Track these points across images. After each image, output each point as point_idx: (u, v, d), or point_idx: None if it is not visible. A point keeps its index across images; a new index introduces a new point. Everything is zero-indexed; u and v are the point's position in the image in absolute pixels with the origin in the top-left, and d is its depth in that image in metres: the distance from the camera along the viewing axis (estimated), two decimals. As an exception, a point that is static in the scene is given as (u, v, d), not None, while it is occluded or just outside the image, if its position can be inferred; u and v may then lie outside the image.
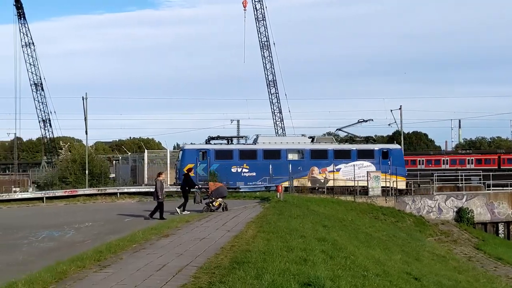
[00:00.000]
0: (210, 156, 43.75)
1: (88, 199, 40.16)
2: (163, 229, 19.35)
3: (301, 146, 45.86)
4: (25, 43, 65.64)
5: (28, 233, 25.14)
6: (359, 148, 46.81)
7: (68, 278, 11.10)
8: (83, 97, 47.13)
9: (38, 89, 66.54)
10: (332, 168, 45.05)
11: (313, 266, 12.28)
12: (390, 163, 45.36)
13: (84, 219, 28.82)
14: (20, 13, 65.26)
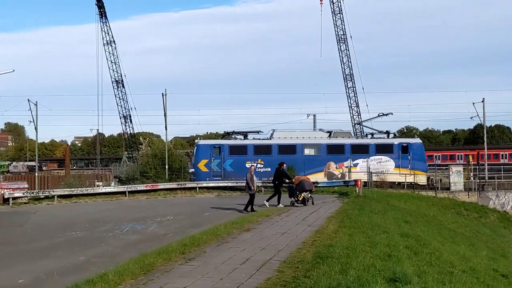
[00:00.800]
0: (224, 151, 43.81)
1: (168, 193, 40.95)
2: (244, 223, 19.48)
3: (318, 141, 45.36)
4: (107, 42, 67.46)
5: (113, 226, 25.91)
6: (377, 142, 45.83)
7: (155, 270, 11.32)
8: (162, 94, 48.01)
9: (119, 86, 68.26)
10: (350, 163, 44.61)
11: (398, 262, 12.07)
12: (410, 157, 44.42)
13: (165, 213, 29.40)
14: (101, 12, 67.07)
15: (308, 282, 9.74)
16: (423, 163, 45.63)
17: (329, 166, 44.63)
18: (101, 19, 67.37)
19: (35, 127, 52.57)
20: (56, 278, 16.39)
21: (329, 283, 9.58)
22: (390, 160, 44.58)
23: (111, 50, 67.58)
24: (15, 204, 35.87)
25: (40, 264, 19.27)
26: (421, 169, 44.91)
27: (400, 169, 44.28)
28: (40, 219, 29.44)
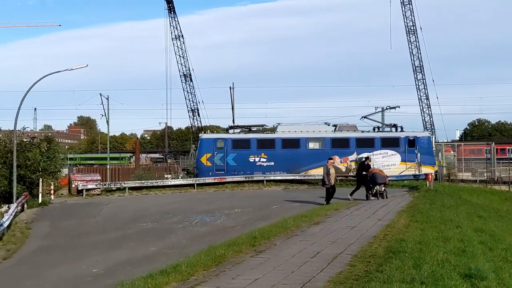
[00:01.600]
0: (227, 145, 43.43)
1: (235, 186, 41.21)
2: (313, 216, 19.40)
3: (322, 134, 44.56)
4: (175, 36, 68.37)
5: (182, 218, 26.29)
6: (383, 136, 44.86)
7: (226, 262, 11.40)
8: (230, 87, 48.48)
9: (187, 80, 69.11)
10: (355, 157, 43.69)
11: (472, 258, 11.75)
12: (417, 151, 43.53)
13: (233, 205, 29.60)
14: (170, 7, 68.02)
15: (381, 276, 9.60)
16: (431, 157, 44.59)
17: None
18: (170, 14, 68.34)
19: (107, 120, 53.86)
20: (128, 268, 16.77)
21: (403, 278, 9.42)
22: (396, 154, 43.70)
23: (179, 44, 68.51)
24: (88, 196, 36.92)
25: (113, 254, 19.77)
26: (429, 163, 43.85)
27: (407, 163, 43.43)
28: (112, 211, 30.18)
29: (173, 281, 9.56)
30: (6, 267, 18.89)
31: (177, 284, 9.43)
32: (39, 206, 31.32)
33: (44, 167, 34.44)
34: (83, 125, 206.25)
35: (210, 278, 9.85)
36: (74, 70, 30.99)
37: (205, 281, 9.65)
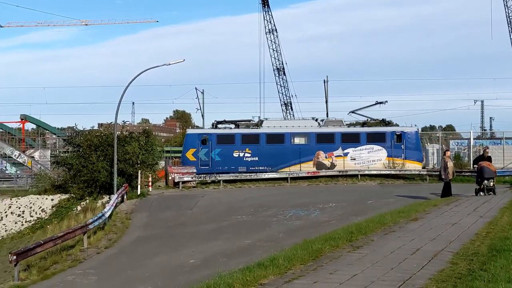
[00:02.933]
0: (211, 140, 42.97)
1: (329, 180, 40.94)
2: (411, 212, 18.91)
3: (307, 129, 43.77)
4: (269, 30, 68.58)
5: (276, 211, 26.37)
6: (369, 131, 43.89)
7: (323, 256, 11.27)
8: (324, 80, 48.10)
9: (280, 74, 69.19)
10: (340, 152, 43.00)
11: None
12: (403, 147, 42.68)
13: (327, 199, 29.40)
14: (264, 1, 68.27)
15: (485, 275, 9.19)
16: (419, 152, 43.76)
17: (318, 155, 43.25)
18: (264, 8, 68.59)
19: (202, 114, 54.95)
20: (224, 260, 16.96)
21: (509, 277, 8.97)
22: (382, 149, 42.88)
23: (273, 38, 68.67)
24: (184, 188, 37.70)
25: (209, 245, 20.09)
26: (416, 159, 43.12)
27: (393, 158, 42.68)
28: (207, 203, 30.68)
29: (271, 274, 9.52)
30: (108, 256, 19.58)
31: (275, 278, 9.39)
32: (138, 197, 32.29)
33: (143, 160, 35.45)
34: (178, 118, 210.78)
35: (308, 273, 9.76)
36: (171, 65, 31.63)
37: (303, 275, 9.57)
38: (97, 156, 33.26)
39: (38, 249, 18.50)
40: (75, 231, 20.75)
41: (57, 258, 19.22)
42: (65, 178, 34.40)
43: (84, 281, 16.33)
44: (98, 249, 20.58)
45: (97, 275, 16.90)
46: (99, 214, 23.63)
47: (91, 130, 36.42)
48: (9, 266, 18.68)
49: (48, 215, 31.32)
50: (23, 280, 17.10)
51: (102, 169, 32.74)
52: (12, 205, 32.87)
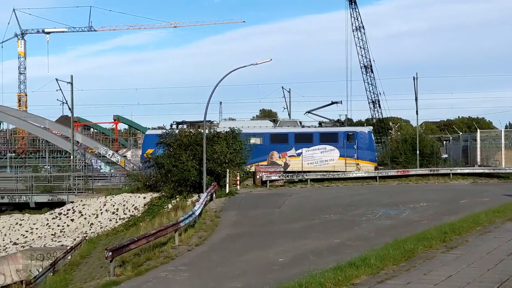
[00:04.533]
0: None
1: (420, 179, 40.07)
2: (507, 212, 18.24)
3: (262, 130, 44.13)
4: (356, 27, 67.81)
5: (365, 210, 26.04)
6: (321, 131, 43.73)
7: (416, 257, 11.05)
8: (413, 77, 46.97)
9: (367, 71, 68.26)
10: (293, 152, 42.84)
11: None
12: (355, 147, 42.39)
13: (418, 199, 28.78)
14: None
15: None
16: (372, 152, 43.58)
17: (272, 155, 43.53)
18: (351, 6, 67.89)
19: (289, 113, 54.99)
20: (313, 259, 16.90)
21: None
22: (335, 149, 42.55)
23: (360, 35, 67.84)
24: (272, 187, 37.85)
25: (298, 244, 20.06)
26: (369, 159, 42.91)
27: (346, 158, 42.38)
28: (295, 201, 30.67)
29: (363, 274, 9.43)
30: (198, 253, 19.90)
31: (367, 278, 9.29)
32: (227, 196, 32.68)
33: (230, 159, 35.85)
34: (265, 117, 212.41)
35: (401, 273, 9.59)
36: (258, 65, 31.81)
37: (396, 275, 9.42)
38: (187, 155, 33.90)
39: (132, 245, 19.03)
40: (166, 228, 21.22)
41: (150, 254, 19.70)
42: (157, 177, 35.26)
43: (177, 277, 16.66)
44: (189, 247, 20.95)
45: (188, 272, 17.20)
46: (190, 212, 24.04)
47: (181, 130, 37.13)
48: (105, 262, 19.30)
49: (141, 212, 32.18)
50: (118, 275, 17.63)
51: (191, 168, 33.34)
52: (106, 203, 34.01)
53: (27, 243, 30.45)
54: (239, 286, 14.97)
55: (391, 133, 58.06)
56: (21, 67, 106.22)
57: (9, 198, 37.14)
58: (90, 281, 18.17)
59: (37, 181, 38.11)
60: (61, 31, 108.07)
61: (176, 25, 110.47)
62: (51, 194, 37.20)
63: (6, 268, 27.12)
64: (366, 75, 68.41)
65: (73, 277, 20.36)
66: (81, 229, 31.69)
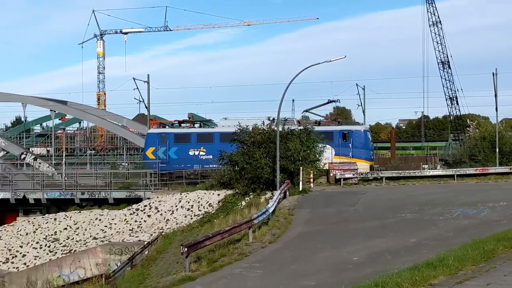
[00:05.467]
0: (169, 139, 44.67)
1: (499, 177, 38.86)
2: None
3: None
4: (432, 23, 66.29)
5: (442, 209, 25.47)
6: (317, 130, 41.60)
7: (496, 257, 10.74)
8: (493, 73, 45.62)
9: (445, 67, 66.63)
10: None
11: None
12: (351, 145, 42.66)
13: (497, 198, 27.93)
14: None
15: None
16: (367, 151, 43.70)
17: None
18: (427, 1, 66.53)
19: (363, 110, 54.42)
20: (388, 258, 16.67)
21: None
22: (330, 148, 42.28)
23: (437, 31, 66.28)
24: (346, 185, 37.57)
25: (372, 243, 19.83)
26: (364, 157, 42.92)
27: (341, 157, 42.45)
28: (370, 200, 30.32)
29: (441, 274, 9.23)
30: (272, 251, 19.98)
31: (445, 278, 9.09)
32: (300, 193, 32.62)
33: (304, 156, 35.74)
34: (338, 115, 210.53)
35: (480, 274, 9.34)
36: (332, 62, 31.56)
37: (475, 276, 9.17)
38: (260, 153, 34.03)
39: (206, 242, 19.30)
40: (240, 225, 21.39)
41: (225, 251, 19.91)
42: (230, 175, 35.55)
43: (251, 274, 16.78)
44: (263, 244, 21.06)
45: (262, 269, 17.29)
46: (263, 210, 24.15)
47: (254, 128, 37.33)
48: (180, 258, 19.66)
49: (215, 209, 32.53)
50: (193, 271, 17.93)
51: (265, 165, 33.44)
52: (182, 199, 34.58)
53: (106, 237, 31.34)
54: (313, 284, 14.94)
55: (468, 131, 56.50)
56: (100, 67, 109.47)
57: (89, 194, 38.36)
58: (167, 276, 18.53)
59: (115, 178, 39.19)
60: (138, 31, 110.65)
61: (249, 23, 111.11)
62: (128, 190, 38.16)
63: (86, 262, 28.03)
64: (444, 71, 66.79)
65: (150, 272, 20.82)
66: (157, 224, 32.35)
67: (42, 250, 31.07)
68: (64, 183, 39.47)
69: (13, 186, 39.22)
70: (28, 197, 38.43)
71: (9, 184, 39.65)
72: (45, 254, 30.43)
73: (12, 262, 30.47)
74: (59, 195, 38.64)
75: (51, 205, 39.00)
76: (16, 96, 66.39)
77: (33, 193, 38.73)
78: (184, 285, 16.41)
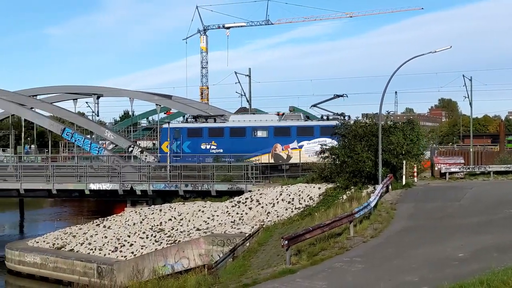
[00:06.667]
0: (183, 134, 46.58)
1: None
2: None
3: (266, 123, 45.95)
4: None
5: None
6: (321, 125, 45.12)
7: None
8: None
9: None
10: (296, 145, 44.62)
11: None
12: None
13: None
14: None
15: None
16: None
17: (276, 148, 45.26)
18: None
19: (470, 102, 52.52)
20: (495, 255, 16.09)
21: None
22: (334, 142, 40.37)
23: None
24: (451, 179, 36.50)
25: (478, 239, 19.18)
26: None
27: None
28: (476, 195, 29.29)
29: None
30: (373, 245, 19.73)
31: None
32: (403, 188, 32.00)
33: (407, 150, 34.97)
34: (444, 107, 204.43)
35: None
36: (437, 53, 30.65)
37: None
38: (362, 146, 33.59)
39: (307, 235, 19.29)
40: (341, 219, 21.23)
41: (325, 245, 19.84)
42: (331, 168, 35.33)
43: (351, 268, 16.65)
44: (364, 238, 20.82)
45: (363, 264, 17.12)
46: (365, 204, 23.87)
47: (355, 121, 36.88)
48: (281, 250, 19.76)
49: (316, 203, 32.40)
50: (294, 264, 17.99)
51: (366, 159, 32.98)
52: (282, 192, 34.72)
53: (208, 229, 31.99)
54: (416, 280, 14.64)
55: None
56: (203, 61, 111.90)
57: (192, 186, 39.29)
58: (267, 268, 18.70)
59: (217, 170, 39.92)
60: (240, 25, 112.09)
61: (351, 15, 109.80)
62: (230, 183, 38.76)
63: (190, 252, 28.77)
64: None
65: (251, 264, 21.07)
66: (258, 217, 32.67)
67: (148, 240, 32.13)
68: (169, 175, 40.61)
69: (121, 178, 40.81)
70: (135, 189, 39.91)
71: (117, 176, 41.28)
72: (151, 244, 31.44)
73: (120, 251, 31.70)
74: (164, 187, 39.90)
75: (156, 197, 40.35)
76: (124, 91, 69.15)
77: (140, 184, 40.19)
78: (284, 277, 16.51)
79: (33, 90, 65.60)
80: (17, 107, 52.15)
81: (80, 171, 42.42)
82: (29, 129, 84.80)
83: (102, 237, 33.99)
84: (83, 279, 28.32)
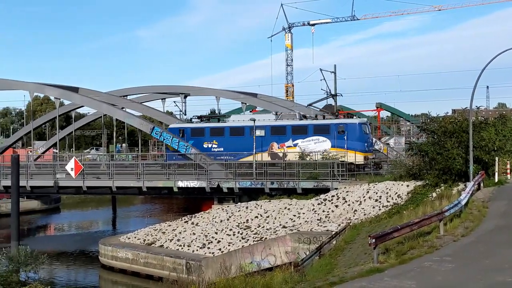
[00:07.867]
0: (187, 133, 48.75)
1: None
2: None
3: (263, 123, 47.03)
4: None
5: None
6: (315, 123, 46.72)
7: None
8: None
9: None
10: (291, 143, 45.95)
11: None
12: (345, 138, 44.38)
13: None
14: None
15: None
16: (360, 142, 44.88)
17: (272, 146, 46.61)
18: None
19: None
20: None
21: None
22: (327, 140, 45.01)
23: None
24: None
25: None
26: (358, 149, 44.19)
27: (336, 148, 44.28)
28: None
29: None
30: (464, 244, 19.20)
31: None
32: (495, 185, 30.92)
33: (500, 146, 33.77)
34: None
35: None
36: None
37: None
38: (452, 143, 32.69)
39: (395, 233, 18.98)
40: (431, 217, 20.75)
41: (414, 243, 19.46)
42: (420, 165, 34.58)
43: (441, 268, 16.27)
44: (455, 237, 20.28)
45: (453, 263, 16.69)
46: (455, 202, 23.23)
47: (445, 117, 35.92)
48: (368, 249, 19.54)
49: (404, 201, 31.78)
50: (381, 263, 17.74)
51: (457, 156, 32.08)
52: (369, 190, 34.26)
53: (295, 226, 32.00)
54: (509, 281, 14.15)
55: None
56: (288, 59, 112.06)
57: (278, 183, 39.46)
58: (354, 267, 18.53)
59: (303, 168, 39.86)
60: (325, 22, 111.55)
61: (440, 8, 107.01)
62: (316, 180, 38.63)
63: (276, 249, 28.87)
64: None
65: (337, 262, 20.95)
66: (344, 215, 32.39)
67: (235, 237, 32.49)
68: (255, 173, 40.92)
69: (208, 175, 41.50)
70: (222, 186, 40.53)
71: (204, 174, 42.01)
72: (238, 240, 31.77)
73: (208, 248, 32.21)
74: (250, 185, 40.26)
75: (242, 194, 40.77)
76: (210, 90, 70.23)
77: (227, 182, 40.75)
78: (372, 276, 16.31)
79: (123, 91, 67.63)
80: (108, 107, 53.86)
81: (170, 169, 43.50)
82: (120, 129, 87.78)
83: (191, 234, 34.64)
84: (172, 275, 29.02)
